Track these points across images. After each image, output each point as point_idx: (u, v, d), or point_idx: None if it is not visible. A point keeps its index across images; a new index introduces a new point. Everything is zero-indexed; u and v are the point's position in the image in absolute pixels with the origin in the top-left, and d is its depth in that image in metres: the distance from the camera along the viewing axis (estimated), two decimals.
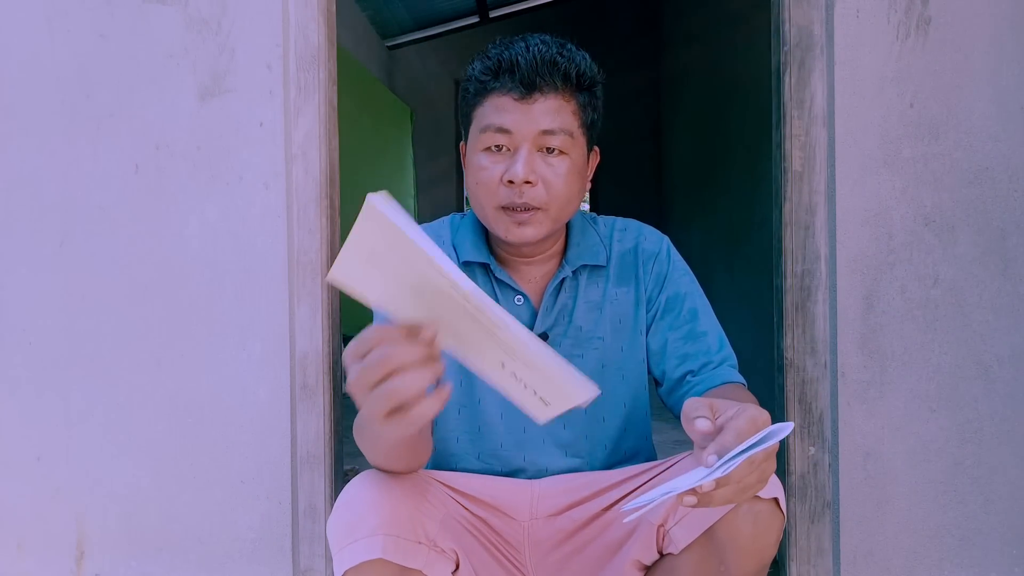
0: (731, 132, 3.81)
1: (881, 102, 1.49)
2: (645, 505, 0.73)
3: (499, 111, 1.05)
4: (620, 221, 1.22)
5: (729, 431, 0.73)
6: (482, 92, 1.07)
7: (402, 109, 5.30)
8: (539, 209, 1.05)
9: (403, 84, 6.68)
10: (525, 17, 6.60)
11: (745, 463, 0.72)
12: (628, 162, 6.70)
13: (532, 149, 1.04)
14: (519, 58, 1.04)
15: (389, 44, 6.40)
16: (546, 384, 0.73)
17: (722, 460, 0.71)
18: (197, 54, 1.56)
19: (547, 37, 1.09)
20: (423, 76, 6.86)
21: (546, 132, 1.04)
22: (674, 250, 1.20)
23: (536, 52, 1.04)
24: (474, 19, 6.38)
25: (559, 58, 1.05)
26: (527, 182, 1.04)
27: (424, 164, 6.21)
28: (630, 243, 1.19)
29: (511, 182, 1.04)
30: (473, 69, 1.09)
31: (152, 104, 1.57)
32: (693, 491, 0.72)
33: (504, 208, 1.05)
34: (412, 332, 0.70)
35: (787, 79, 1.50)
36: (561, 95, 1.05)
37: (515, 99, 1.04)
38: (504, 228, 1.06)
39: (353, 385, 0.71)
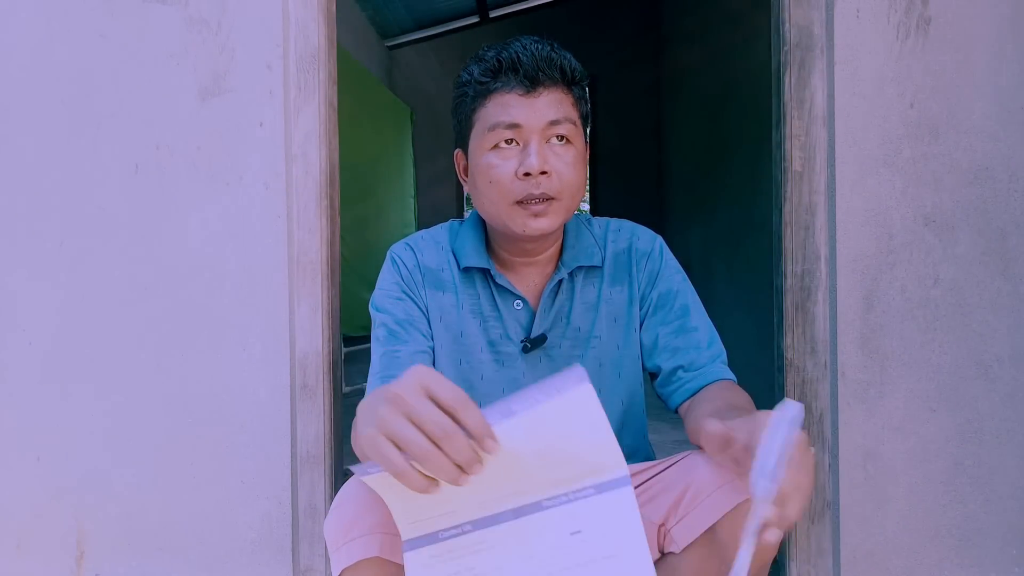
0: (731, 132, 3.81)
1: (881, 102, 1.49)
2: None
3: (505, 108, 1.06)
4: (614, 222, 1.24)
5: (753, 446, 0.74)
6: (484, 93, 1.08)
7: (402, 109, 5.29)
8: (554, 199, 1.07)
9: (403, 84, 6.67)
10: (525, 17, 6.59)
11: (789, 467, 0.72)
12: (628, 162, 6.70)
13: (541, 141, 1.06)
14: (520, 55, 1.06)
15: (389, 44, 6.39)
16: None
17: (764, 474, 0.72)
18: (197, 54, 1.56)
19: (535, 37, 1.11)
20: (423, 76, 6.86)
21: (553, 123, 1.06)
22: (667, 249, 1.22)
23: (534, 50, 1.07)
24: (474, 19, 6.37)
25: (554, 55, 1.08)
26: (543, 172, 1.05)
27: (424, 164, 6.20)
28: (624, 243, 1.21)
29: (527, 174, 1.05)
30: (470, 73, 1.10)
31: (152, 104, 1.57)
32: (765, 525, 0.72)
33: (519, 203, 1.07)
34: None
35: (787, 79, 1.50)
36: (560, 88, 1.08)
37: (520, 95, 1.06)
38: (521, 223, 1.08)
39: (381, 421, 0.69)
